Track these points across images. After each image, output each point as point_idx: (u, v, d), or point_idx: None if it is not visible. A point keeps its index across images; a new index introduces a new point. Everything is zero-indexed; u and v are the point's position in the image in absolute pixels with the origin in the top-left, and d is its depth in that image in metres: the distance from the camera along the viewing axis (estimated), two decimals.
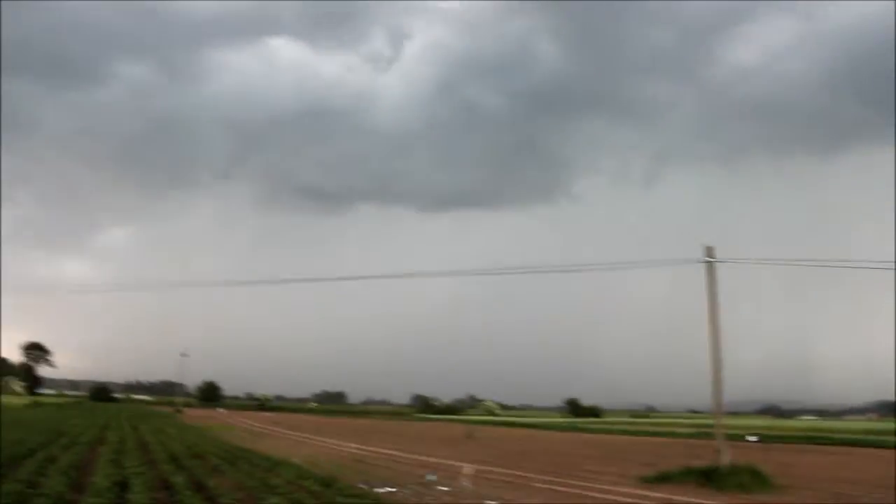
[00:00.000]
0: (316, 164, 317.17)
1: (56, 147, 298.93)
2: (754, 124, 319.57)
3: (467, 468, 26.43)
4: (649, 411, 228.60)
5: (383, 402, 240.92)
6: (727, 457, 26.98)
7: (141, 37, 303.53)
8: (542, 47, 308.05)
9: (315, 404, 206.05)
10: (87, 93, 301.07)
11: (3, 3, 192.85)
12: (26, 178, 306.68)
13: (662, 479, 27.22)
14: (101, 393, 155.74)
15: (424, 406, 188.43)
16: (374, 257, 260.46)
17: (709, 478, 26.00)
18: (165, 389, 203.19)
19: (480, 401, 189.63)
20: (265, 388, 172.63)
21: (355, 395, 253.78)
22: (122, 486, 18.00)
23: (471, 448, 46.41)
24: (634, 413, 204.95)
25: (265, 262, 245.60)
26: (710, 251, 28.91)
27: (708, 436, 48.75)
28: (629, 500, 21.87)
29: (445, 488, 23.30)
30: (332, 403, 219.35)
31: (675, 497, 22.74)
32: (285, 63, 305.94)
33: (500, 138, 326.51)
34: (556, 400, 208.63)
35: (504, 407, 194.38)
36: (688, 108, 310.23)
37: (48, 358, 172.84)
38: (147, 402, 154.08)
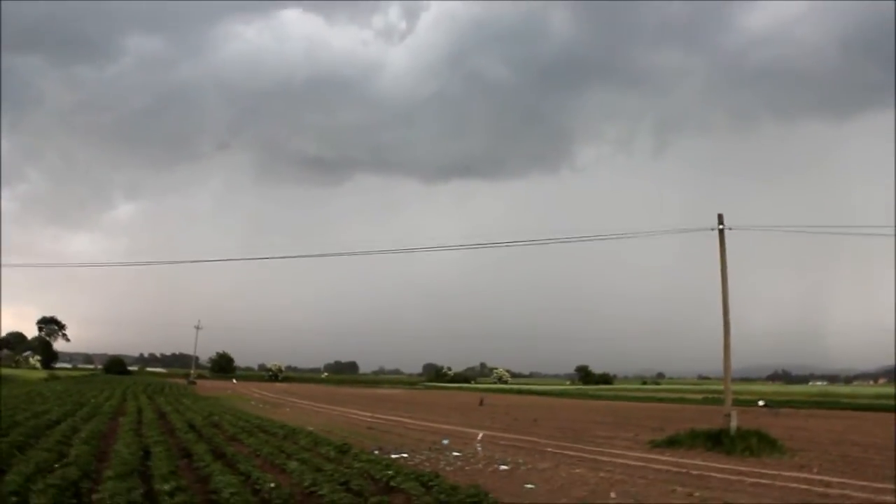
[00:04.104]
0: (316, 134, 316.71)
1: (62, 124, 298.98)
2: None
3: (480, 434, 26.89)
4: (659, 378, 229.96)
5: (395, 372, 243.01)
6: (735, 421, 27.32)
7: (153, 10, 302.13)
8: (555, 17, 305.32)
9: (327, 374, 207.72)
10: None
11: None
12: (37, 155, 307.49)
13: (671, 443, 27.63)
14: (115, 366, 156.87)
15: (436, 375, 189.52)
16: (379, 227, 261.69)
17: (717, 442, 26.36)
18: (178, 361, 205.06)
19: (492, 369, 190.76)
20: (278, 359, 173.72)
21: (367, 366, 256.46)
22: (145, 454, 18.45)
23: (483, 415, 46.99)
24: (645, 379, 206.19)
25: (269, 235, 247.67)
26: (721, 219, 29.12)
27: (717, 401, 49.23)
28: (639, 463, 22.26)
29: (458, 453, 23.73)
30: (343, 374, 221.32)
31: (683, 460, 23.14)
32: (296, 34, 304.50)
33: (506, 108, 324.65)
34: (567, 367, 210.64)
35: (515, 375, 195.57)
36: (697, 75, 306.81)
37: (63, 332, 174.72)
38: (161, 375, 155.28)
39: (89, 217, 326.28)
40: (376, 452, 22.05)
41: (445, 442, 27.24)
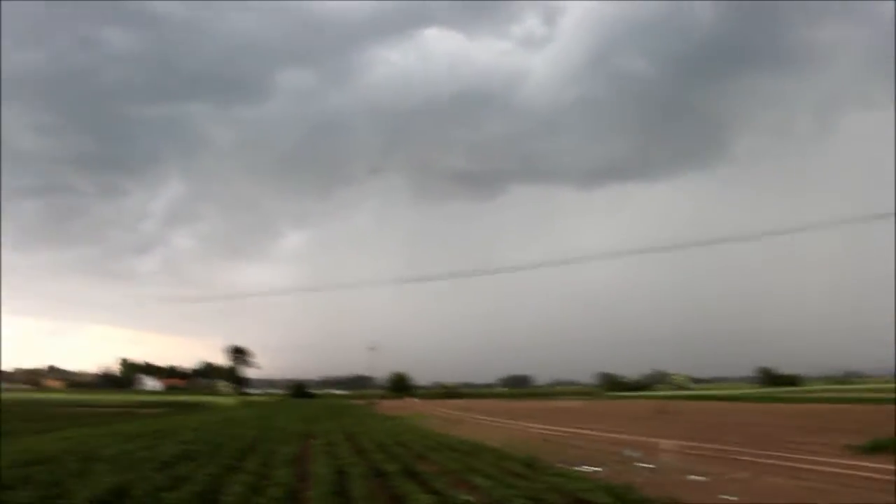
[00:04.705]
0: (466, 148, 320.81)
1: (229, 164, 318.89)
2: None
3: (666, 444, 26.25)
4: (850, 377, 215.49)
5: (569, 383, 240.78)
6: None
7: (302, 45, 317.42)
8: (697, 3, 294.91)
9: (505, 388, 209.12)
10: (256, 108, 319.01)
11: None
12: (209, 195, 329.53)
13: (876, 448, 25.85)
14: (299, 390, 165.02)
15: (611, 384, 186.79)
16: (537, 237, 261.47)
17: None
18: (357, 383, 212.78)
19: (669, 375, 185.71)
20: (452, 375, 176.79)
21: (541, 378, 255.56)
22: (341, 474, 19.28)
23: (664, 424, 45.78)
24: (833, 379, 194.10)
25: (431, 253, 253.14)
26: None
27: None
28: (842, 470, 20.96)
29: (646, 464, 23.25)
30: (518, 387, 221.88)
31: (893, 467, 21.56)
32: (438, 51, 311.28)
33: (654, 105, 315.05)
34: (748, 370, 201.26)
35: (694, 380, 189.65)
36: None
37: (251, 359, 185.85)
38: (341, 397, 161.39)
39: (262, 247, 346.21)
40: (562, 465, 21.98)
41: (631, 453, 26.76)
